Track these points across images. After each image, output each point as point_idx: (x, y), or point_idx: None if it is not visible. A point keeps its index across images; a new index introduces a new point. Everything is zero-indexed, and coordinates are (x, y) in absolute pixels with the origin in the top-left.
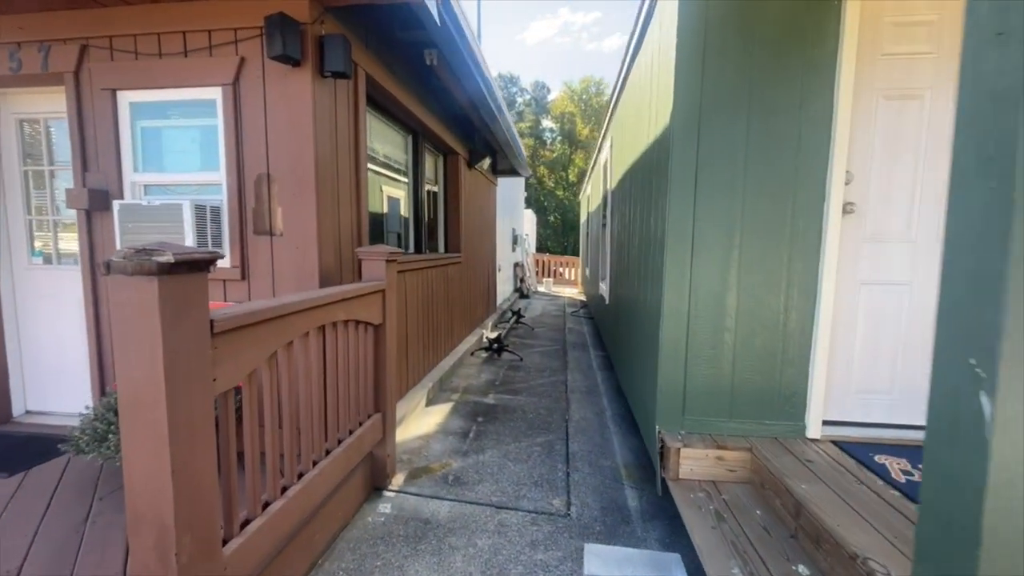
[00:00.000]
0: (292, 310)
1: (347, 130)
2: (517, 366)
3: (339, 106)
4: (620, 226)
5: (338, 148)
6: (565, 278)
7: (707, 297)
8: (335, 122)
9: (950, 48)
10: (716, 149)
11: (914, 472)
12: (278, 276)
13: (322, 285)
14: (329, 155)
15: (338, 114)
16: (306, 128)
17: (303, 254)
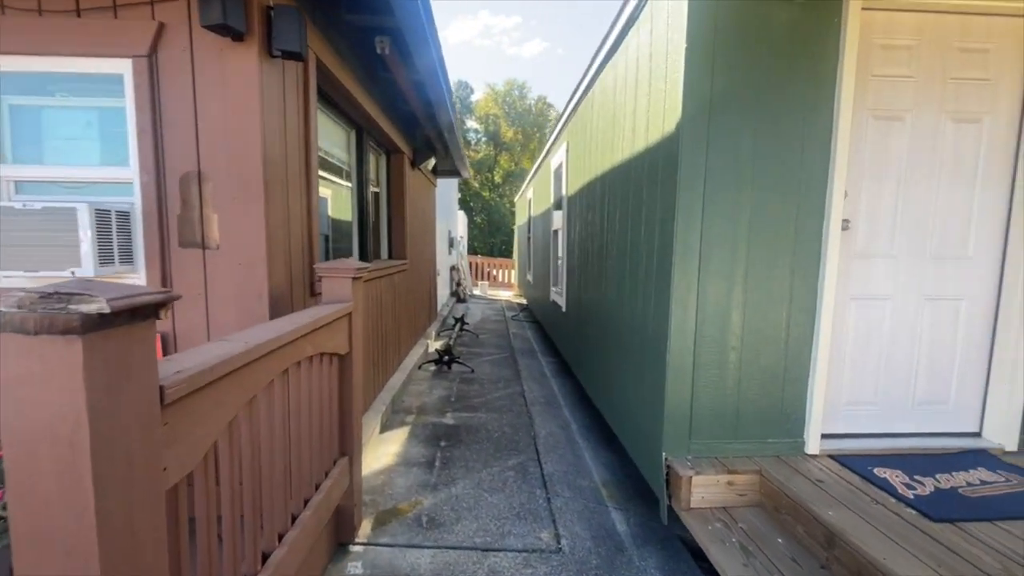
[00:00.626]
0: (261, 353)
1: (297, 123)
2: (469, 378)
3: (288, 94)
4: (585, 234)
5: (287, 144)
6: (499, 281)
7: (714, 315)
8: (284, 113)
9: (927, 73)
10: (723, 161)
11: (915, 485)
12: (214, 300)
13: (273, 310)
14: (279, 152)
15: (287, 104)
16: (252, 118)
17: (248, 271)
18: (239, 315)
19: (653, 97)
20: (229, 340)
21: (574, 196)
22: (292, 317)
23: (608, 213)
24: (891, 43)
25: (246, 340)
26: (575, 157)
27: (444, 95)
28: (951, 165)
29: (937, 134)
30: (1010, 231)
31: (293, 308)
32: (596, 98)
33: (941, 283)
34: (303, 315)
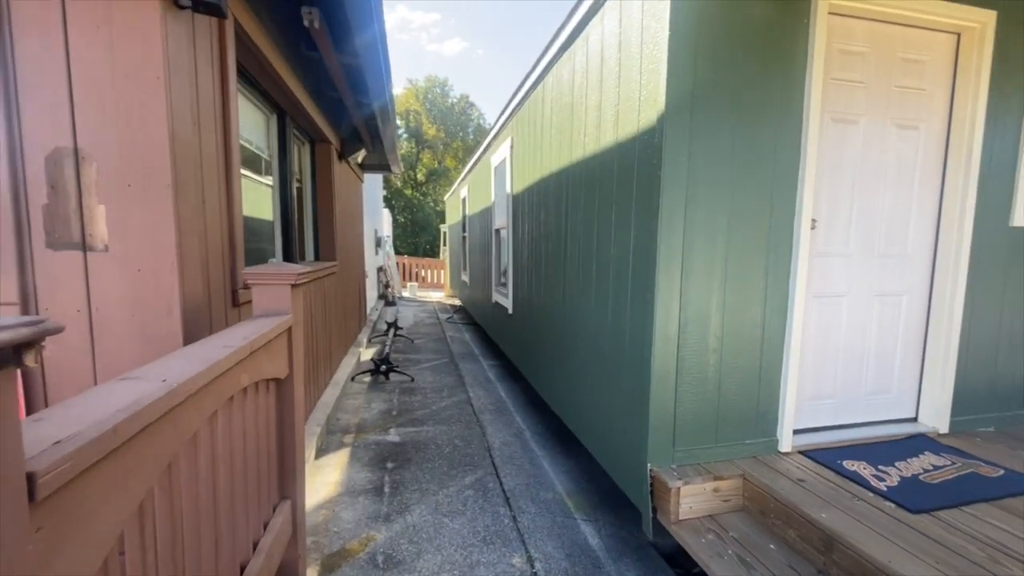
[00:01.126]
0: (187, 393)
1: (212, 95)
2: (410, 388)
3: (201, 59)
4: (537, 234)
5: (201, 121)
6: (429, 282)
7: (696, 318)
8: (197, 83)
9: (876, 80)
10: (705, 159)
11: (883, 475)
12: (101, 319)
13: (187, 328)
14: (191, 129)
15: (200, 71)
16: (153, 84)
17: (152, 280)
18: (139, 338)
19: (624, 89)
20: (138, 377)
21: (521, 194)
22: (222, 337)
23: (567, 212)
24: (847, 48)
25: (165, 376)
26: (521, 154)
27: (384, 79)
28: (895, 168)
29: (884, 138)
30: (940, 230)
31: (212, 324)
32: (548, 92)
33: (887, 279)
34: (234, 333)
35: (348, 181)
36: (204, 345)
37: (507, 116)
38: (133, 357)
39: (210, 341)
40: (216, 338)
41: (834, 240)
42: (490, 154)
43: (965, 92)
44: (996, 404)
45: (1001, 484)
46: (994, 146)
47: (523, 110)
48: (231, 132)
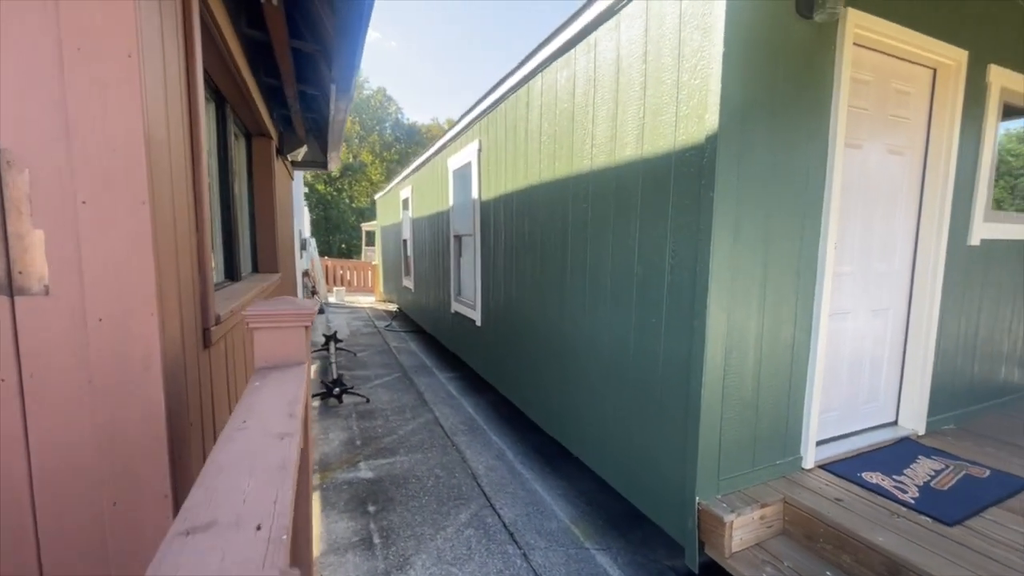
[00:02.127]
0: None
1: (179, 79)
2: (368, 411)
3: (167, 30)
4: (519, 246)
5: (169, 110)
6: (356, 285)
7: (740, 343)
8: (164, 59)
9: (876, 107)
10: (752, 180)
11: (902, 486)
12: (39, 392)
13: (169, 388)
14: (163, 124)
15: (166, 46)
16: (123, 60)
17: (117, 331)
18: (99, 413)
19: (652, 102)
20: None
21: (494, 201)
22: (263, 419)
23: (568, 225)
24: (859, 77)
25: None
26: (494, 158)
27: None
28: (887, 191)
29: (879, 163)
30: (918, 248)
31: (187, 378)
32: (534, 97)
33: (880, 296)
34: (275, 405)
35: (284, 180)
36: (251, 437)
37: (473, 118)
38: (91, 444)
39: (251, 431)
40: (256, 422)
41: (844, 260)
42: (447, 156)
43: (941, 123)
44: (954, 404)
45: (995, 485)
46: (960, 173)
47: (497, 113)
48: (199, 128)
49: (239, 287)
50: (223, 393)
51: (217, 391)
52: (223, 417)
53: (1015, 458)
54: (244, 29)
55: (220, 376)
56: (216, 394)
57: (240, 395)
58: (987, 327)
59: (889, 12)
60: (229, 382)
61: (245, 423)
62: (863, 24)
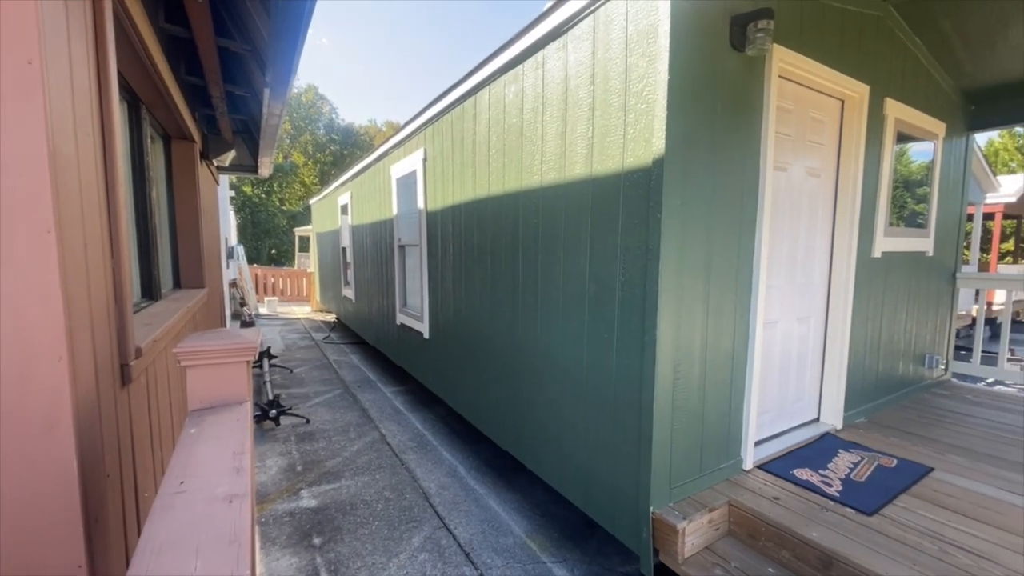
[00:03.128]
0: None
1: (88, 85)
2: (308, 432)
3: (75, 32)
4: (468, 258)
5: (78, 123)
6: (289, 295)
7: (687, 356)
8: (71, 67)
9: (797, 133)
10: (696, 200)
11: (827, 480)
12: None
13: (83, 458)
14: (71, 138)
15: (73, 50)
16: (22, 69)
17: (16, 390)
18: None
19: (600, 123)
20: None
21: (441, 212)
22: (208, 475)
23: (519, 240)
24: (783, 105)
25: None
26: (440, 168)
27: (291, 72)
28: (808, 209)
29: (801, 184)
30: (833, 261)
31: (103, 422)
32: (481, 109)
33: (803, 305)
34: (206, 457)
35: (208, 186)
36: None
37: (418, 126)
38: None
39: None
40: (196, 482)
41: (774, 274)
42: (390, 163)
43: (848, 149)
44: (864, 399)
45: (903, 473)
46: (864, 193)
47: (443, 123)
48: (113, 137)
49: (159, 308)
50: (145, 435)
51: (139, 433)
52: (145, 464)
53: (916, 446)
54: (162, 24)
55: (142, 417)
56: (138, 437)
57: (167, 436)
58: (888, 329)
59: (806, 49)
60: (152, 422)
61: (183, 484)
62: (786, 59)
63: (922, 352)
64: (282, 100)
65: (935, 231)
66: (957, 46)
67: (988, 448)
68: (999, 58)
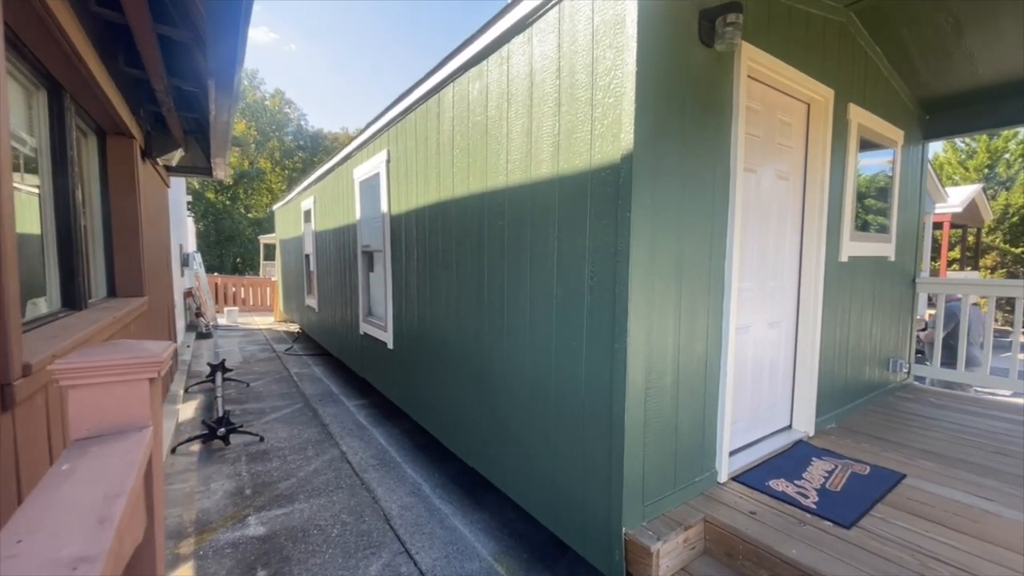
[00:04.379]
0: None
1: None
2: (262, 451)
3: None
4: (433, 264)
5: None
6: (251, 304)
7: (660, 365)
8: None
9: (766, 135)
10: (664, 205)
11: (803, 491)
12: None
13: None
14: None
15: None
16: None
17: None
18: None
19: (567, 119)
20: None
21: (405, 215)
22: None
23: (484, 244)
24: (752, 106)
25: None
26: (404, 170)
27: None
28: (777, 212)
29: (771, 186)
30: (802, 265)
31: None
32: (445, 108)
33: (774, 309)
34: (67, 503)
35: (154, 188)
36: None
37: (381, 126)
38: None
39: None
40: (38, 540)
41: (745, 277)
42: (353, 166)
43: (815, 153)
44: (834, 404)
45: (877, 481)
46: (830, 197)
47: (407, 122)
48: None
49: (78, 319)
50: (38, 469)
51: (28, 469)
52: None
53: (886, 452)
54: (94, 8)
55: (35, 446)
56: (26, 473)
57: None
58: (855, 333)
59: (774, 49)
60: (55, 453)
61: (20, 544)
62: (754, 58)
63: (886, 356)
64: (230, 93)
65: (896, 237)
66: (914, 54)
67: (956, 452)
68: (953, 67)
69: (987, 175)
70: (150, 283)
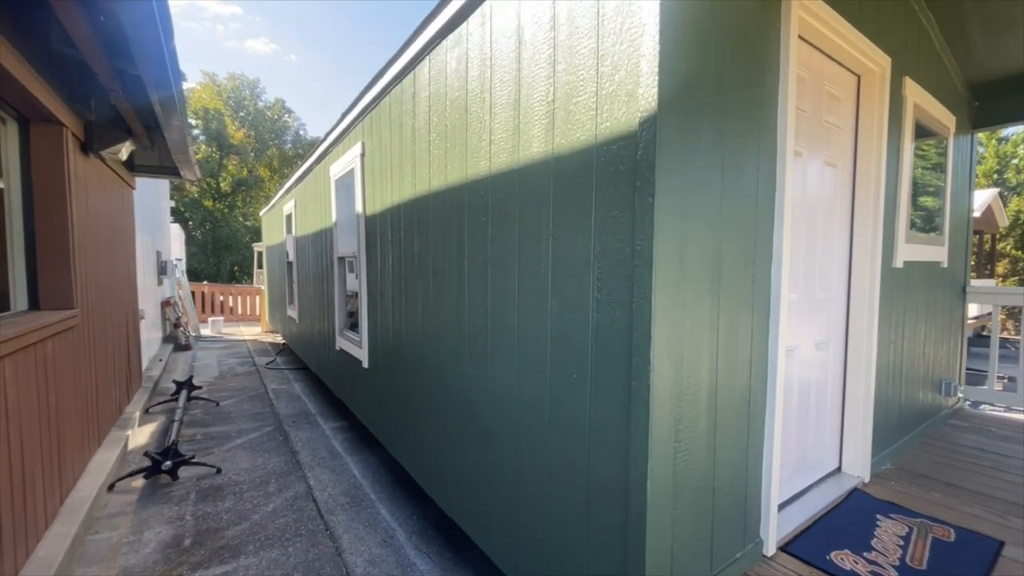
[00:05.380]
0: None
1: None
2: (214, 487)
3: None
4: (408, 271)
5: None
6: (239, 313)
7: (692, 406)
8: None
9: (812, 110)
10: (698, 188)
11: (885, 572)
12: None
13: None
14: None
15: None
16: None
17: None
18: None
19: (565, 79)
20: None
21: (380, 215)
22: None
23: (464, 245)
24: (799, 72)
25: None
26: (379, 164)
27: (163, 44)
28: (825, 206)
29: (819, 175)
30: (852, 271)
31: None
32: (423, 85)
33: (822, 326)
34: None
35: (102, 185)
36: None
37: (356, 116)
38: None
39: None
40: None
41: (792, 287)
42: (329, 163)
43: (868, 136)
44: (888, 439)
45: (969, 553)
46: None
47: (381, 108)
48: None
49: None
50: None
51: None
52: None
53: (965, 506)
54: None
55: None
56: None
57: None
58: (909, 352)
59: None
60: None
61: None
62: (807, 5)
63: (938, 378)
64: (162, 82)
65: (948, 239)
66: (973, 25)
67: None
68: (1016, 41)
69: (996, 180)
70: (89, 294)
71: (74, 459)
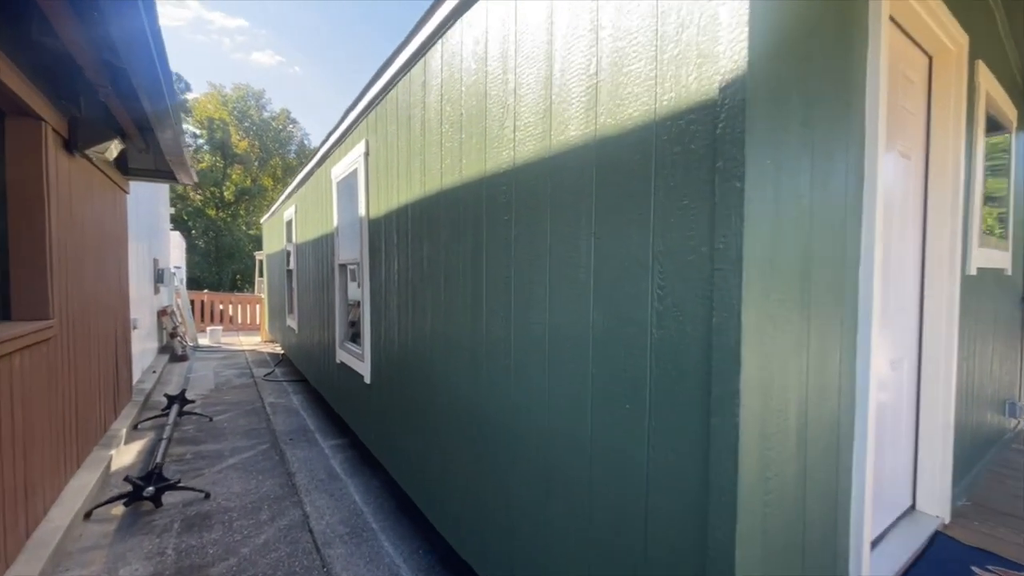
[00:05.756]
0: None
1: None
2: (202, 515)
3: None
4: (416, 277)
5: None
6: (239, 322)
7: (782, 440)
8: None
9: (890, 92)
10: (788, 177)
11: None
12: None
13: None
14: None
15: None
16: None
17: None
18: None
19: (609, 47)
20: None
21: (385, 218)
22: None
23: (488, 249)
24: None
25: None
26: (384, 162)
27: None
28: (899, 204)
29: (893, 167)
30: (925, 275)
31: None
32: (432, 73)
33: (895, 341)
34: None
35: (91, 187)
36: None
37: (359, 112)
38: None
39: None
40: None
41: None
42: (330, 165)
43: (942, 124)
44: (962, 470)
45: None
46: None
47: (387, 102)
48: None
49: None
50: None
51: None
52: None
53: None
54: None
55: None
56: None
57: None
58: (979, 371)
59: None
60: None
61: None
62: None
63: (1003, 398)
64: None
65: (1011, 244)
66: None
67: None
68: None
69: None
70: (69, 303)
71: (45, 485)
